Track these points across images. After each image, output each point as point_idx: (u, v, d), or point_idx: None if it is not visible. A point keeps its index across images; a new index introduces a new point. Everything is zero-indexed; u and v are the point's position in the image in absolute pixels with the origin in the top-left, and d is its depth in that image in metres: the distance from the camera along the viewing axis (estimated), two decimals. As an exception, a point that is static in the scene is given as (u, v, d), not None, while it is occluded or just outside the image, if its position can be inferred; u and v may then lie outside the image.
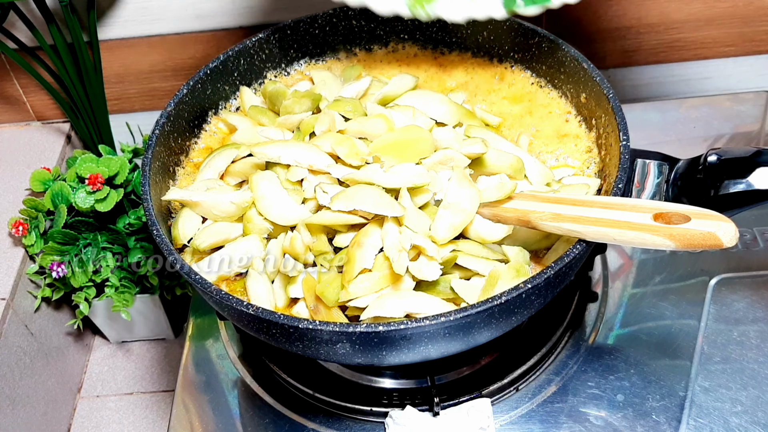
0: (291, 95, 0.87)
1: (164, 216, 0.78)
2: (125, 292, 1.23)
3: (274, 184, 0.77)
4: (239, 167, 0.81)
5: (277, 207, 0.75)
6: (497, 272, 0.69)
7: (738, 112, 1.16)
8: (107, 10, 1.22)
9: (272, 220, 0.75)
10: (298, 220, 0.74)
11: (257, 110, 0.88)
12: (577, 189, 0.76)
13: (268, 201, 0.76)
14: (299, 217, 0.74)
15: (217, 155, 0.82)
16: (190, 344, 0.95)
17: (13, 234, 1.21)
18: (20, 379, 1.22)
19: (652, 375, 0.84)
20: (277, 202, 0.76)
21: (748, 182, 0.71)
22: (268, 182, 0.77)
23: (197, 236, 0.76)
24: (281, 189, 0.77)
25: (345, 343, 0.64)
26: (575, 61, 0.82)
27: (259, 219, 0.76)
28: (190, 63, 1.28)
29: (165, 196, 0.77)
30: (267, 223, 0.75)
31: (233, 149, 0.82)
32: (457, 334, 0.65)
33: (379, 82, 0.91)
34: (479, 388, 0.83)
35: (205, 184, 0.80)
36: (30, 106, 1.38)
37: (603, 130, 0.79)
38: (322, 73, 0.94)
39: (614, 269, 0.95)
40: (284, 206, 0.75)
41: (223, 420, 0.86)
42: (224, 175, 0.82)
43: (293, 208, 0.75)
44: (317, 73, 0.94)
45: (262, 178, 0.77)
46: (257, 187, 0.77)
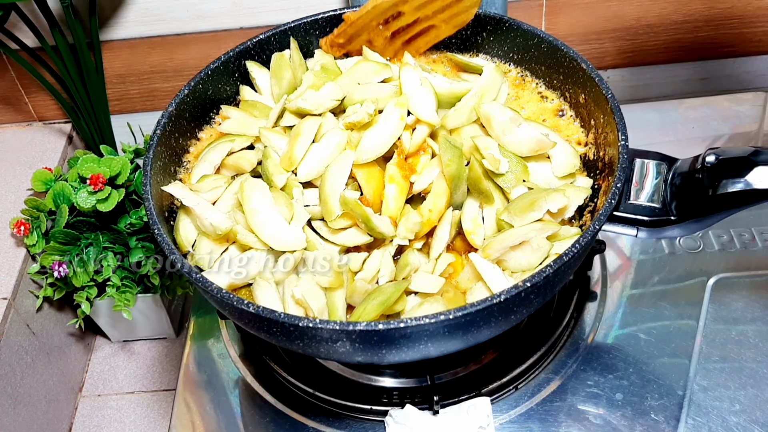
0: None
1: (165, 216, 0.79)
2: (126, 292, 1.23)
3: (266, 196, 0.75)
4: (233, 161, 0.82)
5: (270, 227, 0.74)
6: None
7: (736, 112, 1.16)
8: (109, 11, 1.22)
9: (265, 242, 0.74)
10: (293, 246, 0.73)
11: (249, 104, 0.89)
12: (580, 191, 0.76)
13: (261, 218, 0.74)
14: (294, 243, 0.73)
15: (211, 149, 0.83)
16: (191, 343, 0.95)
17: (14, 234, 1.22)
18: (22, 378, 1.23)
19: (650, 374, 0.84)
20: (271, 221, 0.74)
21: (747, 182, 0.71)
22: (261, 194, 0.75)
23: (197, 250, 0.76)
24: (272, 202, 0.75)
25: (345, 341, 0.64)
26: (574, 61, 0.82)
27: (251, 238, 0.74)
28: (191, 63, 1.29)
29: (165, 187, 0.77)
30: (259, 242, 0.74)
31: (228, 142, 0.83)
32: (457, 332, 0.65)
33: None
34: (479, 386, 0.83)
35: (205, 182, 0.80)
36: (32, 106, 1.39)
37: (602, 131, 0.79)
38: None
39: (613, 269, 0.95)
40: (278, 227, 0.74)
41: (225, 419, 0.87)
42: (220, 168, 0.83)
43: (287, 231, 0.73)
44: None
45: (254, 188, 0.75)
46: (249, 199, 0.75)
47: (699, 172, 0.75)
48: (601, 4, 1.20)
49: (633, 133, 0.74)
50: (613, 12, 1.21)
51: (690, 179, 0.76)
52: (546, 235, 0.71)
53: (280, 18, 1.21)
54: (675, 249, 0.96)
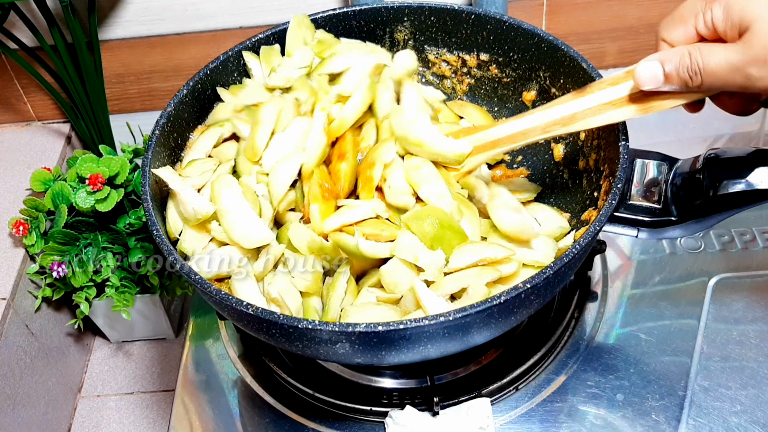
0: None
1: (164, 216, 0.79)
2: (125, 292, 1.23)
3: (236, 193, 0.75)
4: (219, 151, 0.83)
5: (240, 225, 0.74)
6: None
7: (737, 112, 1.16)
8: (108, 10, 1.22)
9: (236, 242, 0.74)
10: (260, 242, 0.74)
11: (238, 87, 0.89)
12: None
13: (231, 216, 0.74)
14: (261, 239, 0.74)
15: (202, 136, 0.84)
16: (190, 344, 0.95)
17: (13, 234, 1.22)
18: (21, 379, 1.22)
19: (651, 374, 0.84)
20: (240, 219, 0.74)
21: (748, 182, 0.71)
22: (230, 192, 0.75)
23: (182, 238, 0.76)
24: (242, 198, 0.75)
25: (344, 342, 0.64)
26: (575, 61, 0.82)
27: (223, 235, 0.75)
28: (190, 63, 1.29)
29: (155, 170, 0.77)
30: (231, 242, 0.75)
31: (217, 128, 0.83)
32: (457, 333, 0.65)
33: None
34: (479, 387, 0.83)
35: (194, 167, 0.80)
36: (30, 106, 1.38)
37: (602, 131, 0.79)
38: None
39: (614, 269, 0.95)
40: (247, 224, 0.74)
41: (224, 420, 0.86)
42: (211, 155, 0.84)
43: (255, 227, 0.74)
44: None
45: (225, 187, 0.75)
46: (219, 198, 0.75)
47: (700, 172, 0.74)
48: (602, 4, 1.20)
49: (633, 132, 0.74)
50: (613, 11, 1.21)
51: (691, 179, 0.76)
52: (485, 281, 0.70)
53: (279, 17, 1.21)
54: (676, 249, 0.96)
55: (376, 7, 0.93)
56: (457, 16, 0.91)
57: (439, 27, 0.93)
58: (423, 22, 0.93)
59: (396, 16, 0.93)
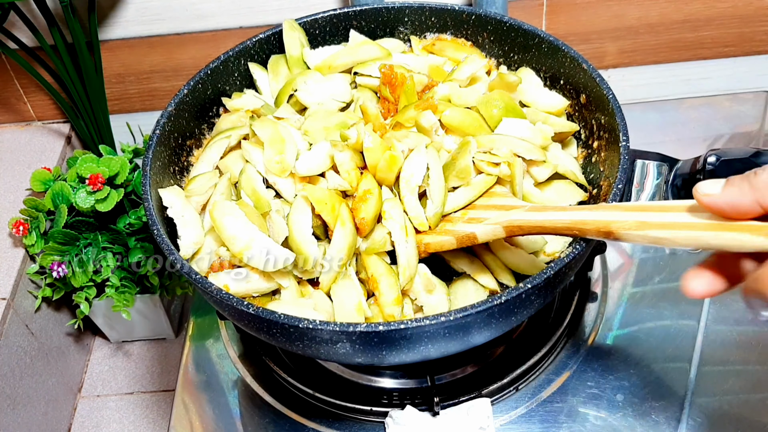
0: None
1: (165, 216, 0.79)
2: (126, 292, 1.23)
3: (239, 218, 0.73)
4: (224, 164, 0.82)
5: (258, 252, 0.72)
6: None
7: (737, 112, 1.16)
8: (107, 10, 1.22)
9: (254, 268, 0.73)
10: (283, 264, 0.72)
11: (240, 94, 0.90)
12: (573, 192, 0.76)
13: (241, 243, 0.72)
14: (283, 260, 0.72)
15: (208, 149, 0.83)
16: (190, 344, 0.95)
17: (13, 234, 1.21)
18: (21, 379, 1.22)
19: (651, 375, 0.84)
20: (258, 246, 0.72)
21: (748, 182, 0.71)
22: (233, 219, 0.73)
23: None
24: (247, 221, 0.74)
25: (345, 342, 0.64)
26: (575, 61, 0.82)
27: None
28: (190, 63, 1.29)
29: (160, 190, 0.77)
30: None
31: (224, 139, 0.83)
32: (457, 333, 0.65)
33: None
34: (479, 387, 0.83)
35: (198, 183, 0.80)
36: (30, 106, 1.38)
37: (603, 131, 0.79)
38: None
39: (614, 269, 0.95)
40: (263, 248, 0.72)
41: (224, 419, 0.86)
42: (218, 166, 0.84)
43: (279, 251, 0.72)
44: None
45: (224, 214, 0.73)
46: (223, 228, 0.73)
47: (700, 173, 0.75)
48: (602, 4, 1.20)
49: (633, 133, 0.74)
50: (613, 11, 1.21)
51: (691, 180, 0.76)
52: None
53: (279, 17, 1.21)
54: (676, 249, 0.96)
55: (377, 7, 0.93)
56: (457, 16, 0.91)
57: (440, 27, 0.93)
58: (423, 22, 0.93)
59: (396, 17, 0.93)
